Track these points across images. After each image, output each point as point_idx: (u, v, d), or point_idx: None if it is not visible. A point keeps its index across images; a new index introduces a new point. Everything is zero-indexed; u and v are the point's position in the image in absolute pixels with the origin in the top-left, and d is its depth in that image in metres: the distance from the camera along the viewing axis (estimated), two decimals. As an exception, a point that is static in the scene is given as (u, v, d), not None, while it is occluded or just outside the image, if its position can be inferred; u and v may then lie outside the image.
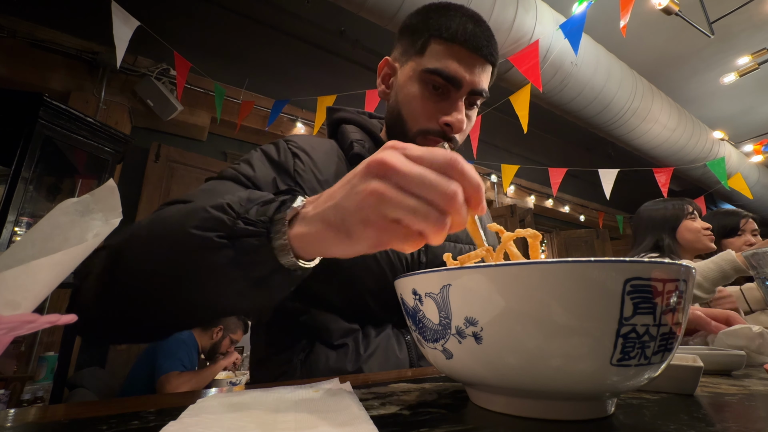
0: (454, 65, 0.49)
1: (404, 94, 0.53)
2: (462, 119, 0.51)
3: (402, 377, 0.32)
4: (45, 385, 1.56)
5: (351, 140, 0.55)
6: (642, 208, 1.33)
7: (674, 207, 1.24)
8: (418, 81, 0.51)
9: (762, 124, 3.26)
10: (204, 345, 1.63)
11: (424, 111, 0.51)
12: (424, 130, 0.52)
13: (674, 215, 1.23)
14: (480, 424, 0.20)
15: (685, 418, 0.21)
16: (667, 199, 1.30)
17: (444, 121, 0.51)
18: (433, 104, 0.51)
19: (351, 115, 0.59)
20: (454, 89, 0.50)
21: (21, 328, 0.18)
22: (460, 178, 0.22)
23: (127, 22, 1.61)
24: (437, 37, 0.50)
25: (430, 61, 0.50)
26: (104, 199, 0.25)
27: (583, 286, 0.18)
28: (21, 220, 1.45)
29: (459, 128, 0.51)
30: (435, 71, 0.50)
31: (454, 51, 0.50)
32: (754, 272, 0.48)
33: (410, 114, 0.52)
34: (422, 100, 0.51)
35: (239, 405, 0.22)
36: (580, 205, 4.64)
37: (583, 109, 2.35)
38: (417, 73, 0.51)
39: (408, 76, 0.53)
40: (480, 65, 0.51)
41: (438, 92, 0.51)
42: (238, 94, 2.46)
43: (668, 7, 1.81)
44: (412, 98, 0.52)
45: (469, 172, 0.22)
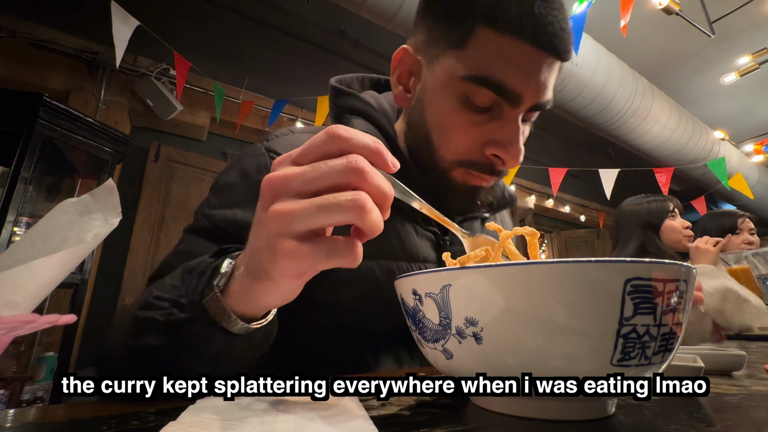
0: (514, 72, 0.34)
1: (435, 110, 0.38)
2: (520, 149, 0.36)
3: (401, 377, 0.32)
4: (45, 385, 1.56)
5: None
6: (624, 204, 1.31)
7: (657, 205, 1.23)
8: (456, 92, 0.36)
9: (762, 123, 3.26)
10: None
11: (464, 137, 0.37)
12: (465, 162, 0.38)
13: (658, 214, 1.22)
14: (480, 424, 0.20)
15: (685, 418, 0.21)
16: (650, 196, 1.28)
17: (494, 153, 0.37)
18: (477, 127, 0.36)
19: (364, 107, 0.44)
20: (510, 106, 0.36)
21: (20, 328, 0.18)
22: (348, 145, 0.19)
23: (126, 21, 1.61)
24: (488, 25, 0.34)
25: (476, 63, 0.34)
26: (104, 198, 0.25)
27: (584, 286, 0.18)
28: (20, 220, 1.45)
29: (515, 162, 0.37)
30: (484, 80, 0.34)
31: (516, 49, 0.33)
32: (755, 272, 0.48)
33: (443, 140, 0.38)
34: (462, 121, 0.36)
35: (239, 405, 0.22)
36: (581, 205, 4.64)
37: (583, 108, 2.35)
38: (455, 80, 0.36)
39: (440, 83, 0.37)
40: (550, 67, 0.35)
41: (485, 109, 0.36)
42: (238, 94, 2.46)
43: (668, 6, 1.81)
44: (447, 117, 0.37)
45: (354, 135, 0.20)
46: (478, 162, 0.38)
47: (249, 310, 0.25)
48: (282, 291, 0.23)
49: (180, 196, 2.36)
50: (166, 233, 2.27)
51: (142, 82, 2.15)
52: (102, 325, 2.02)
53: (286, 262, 0.20)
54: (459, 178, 0.39)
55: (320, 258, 0.20)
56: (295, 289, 0.23)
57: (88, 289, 1.92)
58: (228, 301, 0.25)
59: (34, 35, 1.97)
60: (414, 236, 0.42)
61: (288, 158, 0.21)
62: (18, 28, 1.93)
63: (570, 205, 4.45)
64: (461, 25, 0.35)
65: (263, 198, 0.21)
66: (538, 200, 4.19)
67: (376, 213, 0.20)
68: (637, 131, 2.64)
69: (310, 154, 0.20)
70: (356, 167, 0.19)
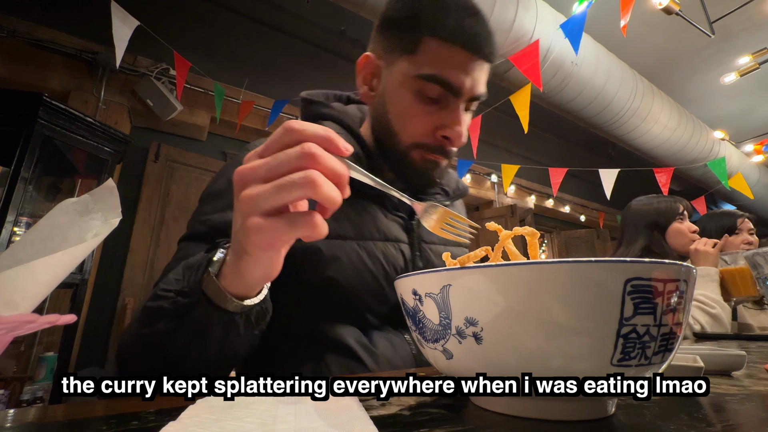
0: (454, 71, 0.43)
1: (394, 103, 0.47)
2: (462, 132, 0.46)
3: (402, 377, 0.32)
4: (44, 386, 1.56)
5: None
6: (632, 203, 1.29)
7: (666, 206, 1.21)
8: (411, 88, 0.45)
9: (762, 123, 3.26)
10: None
11: (418, 123, 0.46)
12: (420, 144, 0.47)
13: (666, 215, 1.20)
14: (480, 424, 0.20)
15: (685, 418, 0.21)
16: (660, 196, 1.26)
17: (443, 134, 0.46)
18: (428, 115, 0.46)
19: (331, 111, 0.52)
20: (453, 97, 0.45)
21: (20, 328, 0.18)
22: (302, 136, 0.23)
23: (126, 21, 1.61)
24: (431, 35, 0.43)
25: (424, 65, 0.44)
26: (103, 198, 0.25)
27: (584, 286, 0.18)
28: (20, 220, 1.45)
29: (459, 142, 0.46)
30: (432, 78, 0.43)
31: (453, 53, 0.43)
32: (755, 272, 0.48)
33: (403, 126, 0.47)
34: (416, 111, 0.45)
35: (239, 405, 0.22)
36: (581, 205, 4.64)
37: (583, 108, 2.35)
38: (409, 79, 0.45)
39: (398, 81, 0.46)
40: (480, 67, 0.45)
41: (433, 101, 0.45)
42: (238, 94, 2.46)
43: (669, 6, 1.81)
44: (404, 108, 0.46)
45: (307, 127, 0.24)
46: (431, 144, 0.47)
47: (240, 288, 0.30)
48: (261, 264, 0.27)
49: (180, 196, 2.36)
50: (166, 233, 2.27)
51: (142, 82, 2.15)
52: (102, 325, 2.02)
53: (256, 236, 0.24)
54: (417, 157, 0.48)
55: (284, 229, 0.24)
56: (272, 261, 0.27)
57: (88, 289, 1.92)
58: (222, 284, 0.30)
59: (34, 35, 1.97)
60: (384, 219, 0.50)
61: (255, 154, 0.25)
62: (18, 27, 1.94)
63: (570, 205, 4.45)
64: (412, 36, 0.45)
65: (236, 188, 0.24)
66: (538, 200, 4.19)
67: (329, 187, 0.23)
68: (637, 131, 2.64)
69: (271, 147, 0.24)
70: (308, 152, 0.23)
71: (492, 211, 3.74)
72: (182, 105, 2.22)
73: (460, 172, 2.84)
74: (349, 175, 0.25)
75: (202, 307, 0.30)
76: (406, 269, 0.49)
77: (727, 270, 0.98)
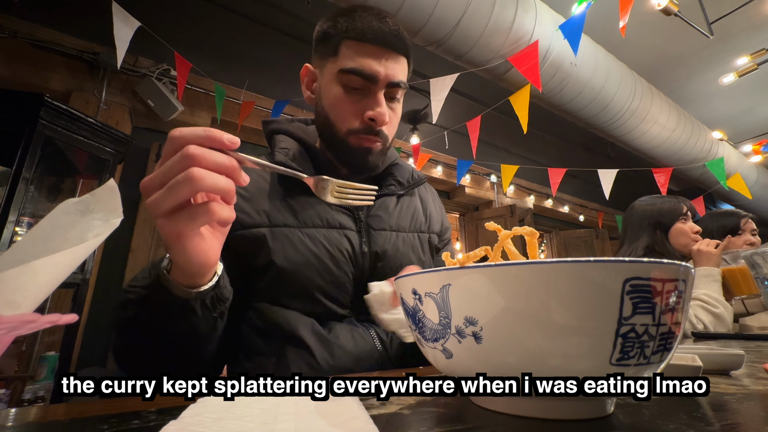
0: (367, 61, 0.51)
1: (327, 97, 0.54)
2: (384, 112, 0.53)
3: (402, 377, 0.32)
4: (46, 385, 1.56)
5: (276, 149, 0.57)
6: (636, 203, 1.29)
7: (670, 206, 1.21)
8: (337, 82, 0.53)
9: (761, 124, 3.26)
10: None
11: (348, 111, 0.53)
12: (352, 130, 0.54)
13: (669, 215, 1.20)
14: (480, 424, 0.21)
15: (684, 417, 0.22)
16: (663, 197, 1.27)
17: (368, 116, 0.53)
18: (354, 103, 0.53)
19: (282, 126, 0.61)
20: (372, 84, 0.52)
21: (22, 327, 0.18)
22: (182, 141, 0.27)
23: (127, 22, 1.61)
24: (347, 38, 0.52)
25: (344, 62, 0.52)
26: (105, 199, 0.25)
27: (583, 286, 0.18)
28: (22, 220, 1.45)
29: (382, 121, 0.53)
30: (350, 70, 0.51)
31: (365, 49, 0.52)
32: (754, 272, 0.48)
33: (336, 116, 0.54)
34: (344, 101, 0.53)
35: (240, 404, 0.22)
36: (580, 205, 4.64)
37: (582, 109, 2.35)
38: (334, 75, 0.53)
39: (327, 80, 0.54)
40: (391, 58, 0.53)
41: (357, 91, 0.53)
42: (239, 95, 2.46)
43: (667, 7, 1.81)
44: (335, 100, 0.54)
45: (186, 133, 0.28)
46: (361, 127, 0.54)
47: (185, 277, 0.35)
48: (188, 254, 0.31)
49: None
50: (166, 233, 2.27)
51: (143, 82, 2.16)
52: (103, 325, 2.02)
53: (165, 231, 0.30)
54: (354, 142, 0.55)
55: (185, 222, 0.28)
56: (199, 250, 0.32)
57: (90, 289, 1.92)
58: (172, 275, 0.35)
59: (35, 36, 1.97)
60: (328, 209, 0.55)
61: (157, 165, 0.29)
62: (19, 28, 1.94)
63: (569, 205, 4.45)
64: (333, 42, 0.54)
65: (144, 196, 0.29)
66: (538, 200, 4.19)
67: (212, 178, 0.27)
68: (636, 131, 2.64)
69: (164, 158, 0.28)
70: (186, 155, 0.27)
71: (491, 211, 3.74)
72: (183, 105, 2.22)
73: (460, 173, 2.85)
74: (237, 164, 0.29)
75: (158, 294, 0.35)
76: (353, 253, 0.54)
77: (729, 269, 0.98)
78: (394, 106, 0.56)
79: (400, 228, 0.60)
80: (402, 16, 1.64)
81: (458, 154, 3.13)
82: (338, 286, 0.52)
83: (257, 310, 0.51)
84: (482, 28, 1.75)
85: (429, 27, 1.69)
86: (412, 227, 0.62)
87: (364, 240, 0.55)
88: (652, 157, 2.98)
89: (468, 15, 1.69)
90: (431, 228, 0.66)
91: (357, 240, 0.55)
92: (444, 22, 1.69)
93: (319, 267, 0.51)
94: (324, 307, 0.51)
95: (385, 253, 0.55)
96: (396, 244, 0.57)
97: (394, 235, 0.58)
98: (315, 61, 0.58)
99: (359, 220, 0.57)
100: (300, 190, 0.54)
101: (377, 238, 0.56)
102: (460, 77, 1.97)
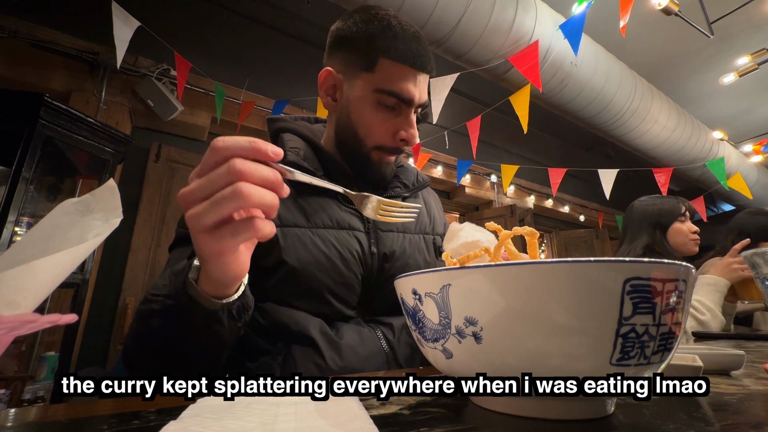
0: (406, 85, 0.52)
1: (358, 112, 0.54)
2: (415, 133, 0.55)
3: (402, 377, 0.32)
4: (46, 385, 1.56)
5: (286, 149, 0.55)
6: (636, 202, 1.30)
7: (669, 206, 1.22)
8: (371, 100, 0.53)
9: (761, 124, 3.26)
10: None
11: (381, 129, 0.54)
12: (380, 147, 0.55)
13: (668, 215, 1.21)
14: (480, 424, 0.20)
15: (684, 417, 0.22)
16: (663, 197, 1.27)
17: (401, 137, 0.54)
18: (388, 122, 0.54)
19: (289, 124, 0.60)
20: (406, 107, 0.54)
21: (21, 327, 0.18)
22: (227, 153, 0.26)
23: (127, 22, 1.61)
24: (386, 57, 0.52)
25: (382, 81, 0.52)
26: (105, 199, 0.25)
27: (583, 286, 0.18)
28: (21, 220, 1.45)
29: (413, 142, 0.55)
30: (390, 93, 0.52)
31: (403, 72, 0.52)
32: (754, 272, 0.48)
33: (366, 132, 0.54)
34: (377, 119, 0.54)
35: (240, 405, 0.22)
36: (580, 205, 4.64)
37: (582, 109, 2.35)
38: (369, 93, 0.53)
39: (359, 95, 0.54)
40: (424, 80, 0.55)
41: (390, 109, 0.53)
42: (239, 95, 2.46)
43: (668, 7, 1.81)
44: (368, 117, 0.54)
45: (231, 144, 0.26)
46: (389, 146, 0.55)
47: (216, 289, 0.34)
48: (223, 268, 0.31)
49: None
50: (166, 233, 2.27)
51: (143, 82, 2.16)
52: (103, 325, 2.02)
53: (205, 247, 0.28)
54: (375, 158, 0.56)
55: (228, 237, 0.27)
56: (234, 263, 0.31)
57: (89, 289, 1.92)
58: (201, 286, 0.34)
59: (35, 36, 1.97)
60: (338, 210, 0.56)
61: (194, 173, 0.28)
62: (19, 28, 1.94)
63: (569, 205, 4.45)
64: (369, 56, 0.53)
65: (182, 208, 0.28)
66: (538, 200, 4.19)
67: (259, 194, 0.26)
68: (636, 131, 2.64)
69: (204, 168, 0.27)
70: (234, 170, 0.25)
71: (491, 211, 3.74)
72: (183, 105, 2.22)
73: (460, 172, 2.85)
74: (281, 177, 0.28)
75: (187, 306, 0.34)
76: (362, 254, 0.54)
77: None
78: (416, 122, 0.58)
79: (406, 229, 0.60)
80: (402, 15, 1.64)
81: (458, 154, 3.13)
82: (347, 286, 0.52)
83: (262, 310, 0.50)
84: (482, 28, 1.75)
85: (429, 27, 1.69)
86: (418, 229, 0.62)
87: (372, 241, 0.56)
88: (653, 157, 2.98)
89: (468, 15, 1.69)
90: (435, 230, 0.66)
91: (366, 241, 0.55)
92: (444, 22, 1.69)
93: (329, 267, 0.51)
94: (332, 307, 0.51)
95: (393, 254, 0.56)
96: (403, 245, 0.57)
97: (401, 236, 0.58)
98: (338, 66, 0.56)
99: (367, 221, 0.57)
100: (309, 190, 0.54)
101: (385, 240, 0.56)
102: (460, 77, 1.97)
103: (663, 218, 1.21)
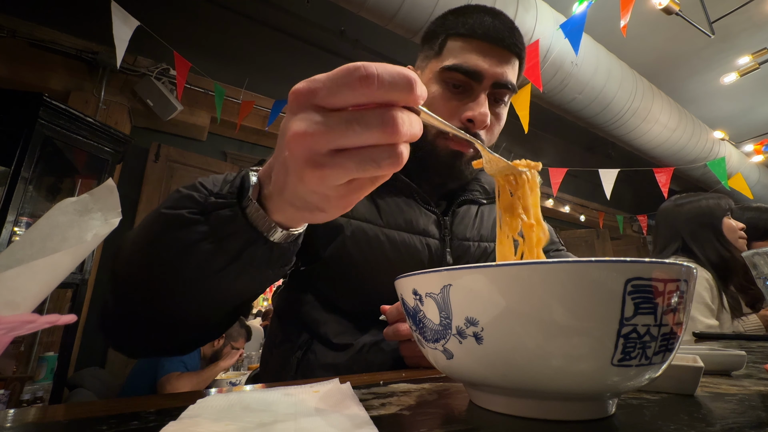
0: (473, 58, 0.47)
1: None
2: (485, 113, 0.47)
3: (402, 378, 0.32)
4: (45, 385, 1.56)
5: None
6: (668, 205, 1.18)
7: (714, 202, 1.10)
8: (437, 81, 0.50)
9: (762, 123, 3.26)
10: (206, 352, 1.64)
11: (443, 109, 0.49)
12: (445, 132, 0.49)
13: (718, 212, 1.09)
14: (480, 424, 0.20)
15: (685, 418, 0.21)
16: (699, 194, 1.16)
17: (466, 117, 0.48)
18: (453, 102, 0.49)
19: None
20: (476, 83, 0.48)
21: (21, 328, 0.18)
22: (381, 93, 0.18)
23: (126, 21, 1.61)
24: (454, 35, 0.49)
25: (447, 59, 0.49)
26: (103, 198, 0.25)
27: (584, 286, 0.18)
28: (21, 220, 1.45)
29: (482, 122, 0.47)
30: (453, 67, 0.47)
31: (473, 45, 0.48)
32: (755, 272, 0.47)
33: None
34: (442, 99, 0.49)
35: (239, 405, 0.22)
36: (581, 205, 4.64)
37: (583, 109, 2.35)
38: (435, 74, 0.50)
39: (427, 79, 0.51)
40: (502, 56, 0.48)
41: (459, 90, 0.49)
42: (238, 94, 2.46)
43: (668, 6, 1.81)
44: (432, 99, 0.49)
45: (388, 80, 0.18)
46: None
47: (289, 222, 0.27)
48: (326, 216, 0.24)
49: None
50: (166, 233, 2.27)
51: (142, 82, 2.15)
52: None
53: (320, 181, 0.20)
54: (441, 145, 0.51)
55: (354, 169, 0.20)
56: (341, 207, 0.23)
57: (89, 289, 1.92)
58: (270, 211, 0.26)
59: (34, 35, 1.97)
60: (413, 211, 0.52)
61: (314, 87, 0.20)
62: (18, 28, 1.93)
63: (570, 205, 4.45)
64: (438, 40, 0.51)
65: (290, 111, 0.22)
66: (538, 200, 4.18)
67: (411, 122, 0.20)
68: (637, 131, 2.64)
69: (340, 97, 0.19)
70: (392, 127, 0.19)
71: (492, 211, 3.73)
72: (182, 105, 2.22)
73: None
74: None
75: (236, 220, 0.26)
76: (431, 264, 0.49)
77: None
78: (499, 110, 0.51)
79: (482, 238, 0.56)
80: (402, 15, 1.64)
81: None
82: None
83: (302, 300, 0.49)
84: (482, 27, 1.75)
85: (429, 26, 1.69)
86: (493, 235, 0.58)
87: (447, 250, 0.52)
88: (653, 157, 2.98)
89: (468, 14, 1.69)
90: None
91: (439, 249, 0.51)
92: (444, 22, 1.68)
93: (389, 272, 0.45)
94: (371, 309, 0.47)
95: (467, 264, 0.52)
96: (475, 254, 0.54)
97: (476, 245, 0.55)
98: (418, 63, 0.55)
99: (444, 227, 0.53)
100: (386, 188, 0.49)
101: (461, 249, 0.53)
102: (461, 77, 1.96)
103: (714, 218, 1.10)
